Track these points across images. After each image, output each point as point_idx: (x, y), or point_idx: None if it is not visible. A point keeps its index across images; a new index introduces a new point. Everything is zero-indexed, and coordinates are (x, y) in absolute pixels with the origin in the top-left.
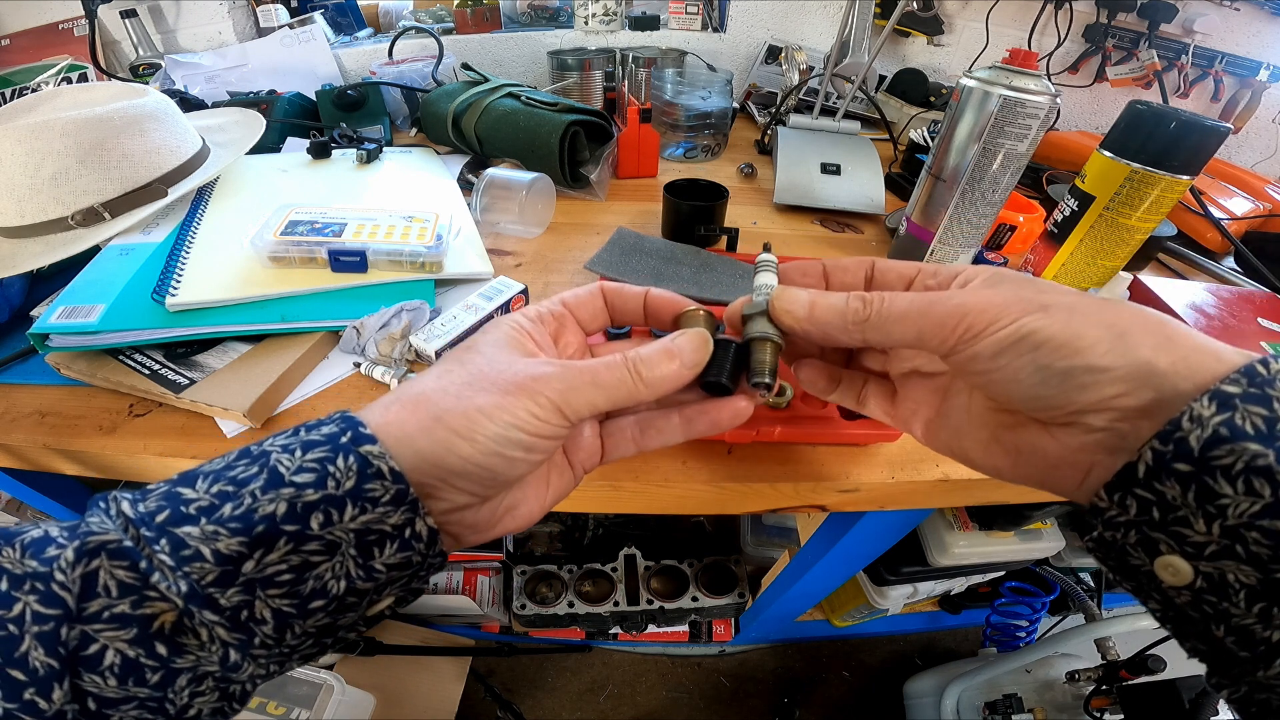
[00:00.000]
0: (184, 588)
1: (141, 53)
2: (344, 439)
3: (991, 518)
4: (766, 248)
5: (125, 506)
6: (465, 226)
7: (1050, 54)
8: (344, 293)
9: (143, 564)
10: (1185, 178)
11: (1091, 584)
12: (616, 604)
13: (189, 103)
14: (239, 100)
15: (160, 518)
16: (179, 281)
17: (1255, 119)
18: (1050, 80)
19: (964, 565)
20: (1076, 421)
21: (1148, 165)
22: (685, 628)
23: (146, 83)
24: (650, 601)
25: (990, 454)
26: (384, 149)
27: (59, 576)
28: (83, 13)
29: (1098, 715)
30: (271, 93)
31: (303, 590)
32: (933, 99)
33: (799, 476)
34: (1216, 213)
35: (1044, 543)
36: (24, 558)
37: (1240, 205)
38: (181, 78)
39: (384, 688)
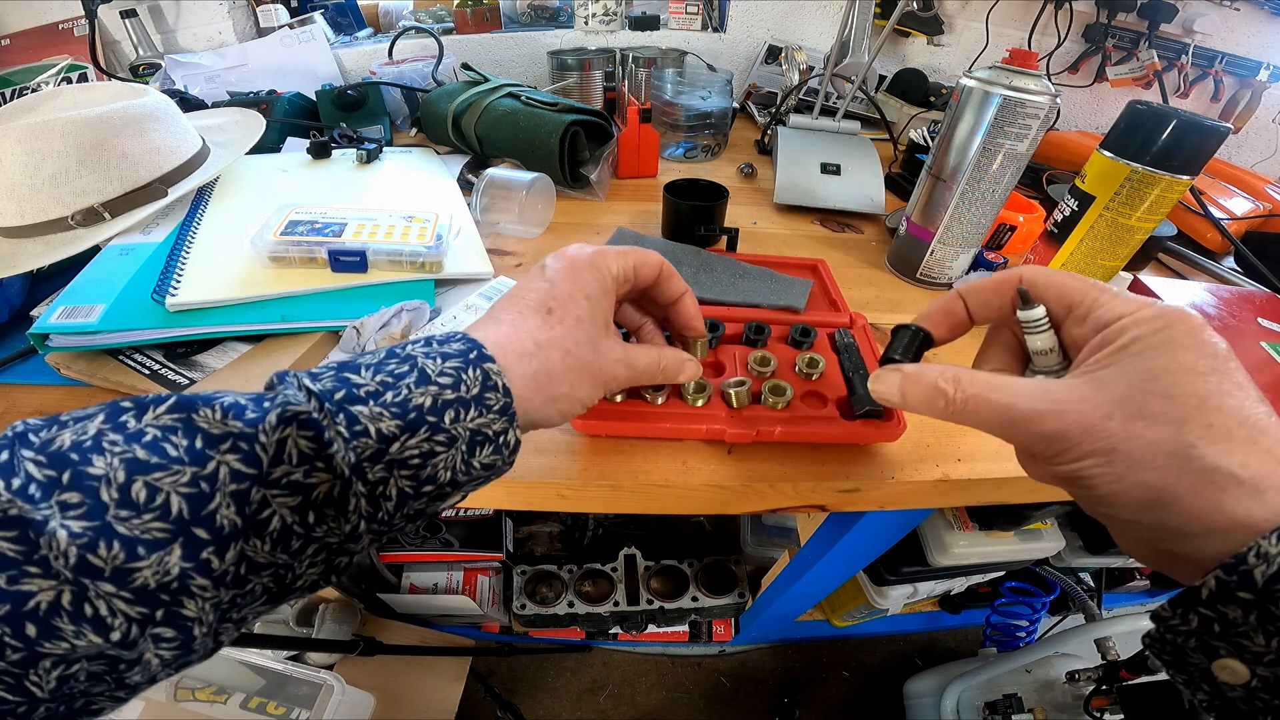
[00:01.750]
0: (352, 459)
1: (141, 53)
2: (471, 355)
3: (991, 518)
4: (1024, 297)
5: (308, 383)
6: (465, 226)
7: (1050, 54)
8: (344, 293)
9: (326, 435)
10: (1185, 178)
11: (1091, 584)
12: (616, 604)
13: (189, 103)
14: (239, 100)
15: (338, 396)
16: (179, 281)
17: (1255, 119)
18: (1050, 80)
19: (964, 565)
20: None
21: (1148, 165)
22: (685, 628)
23: (146, 83)
24: (650, 601)
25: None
26: (384, 149)
27: (262, 439)
28: (83, 13)
29: (1098, 715)
30: (271, 93)
31: (421, 475)
32: (933, 99)
33: (799, 476)
34: (1216, 213)
35: (1044, 543)
36: (225, 418)
37: (1240, 205)
38: (181, 78)
39: (384, 688)
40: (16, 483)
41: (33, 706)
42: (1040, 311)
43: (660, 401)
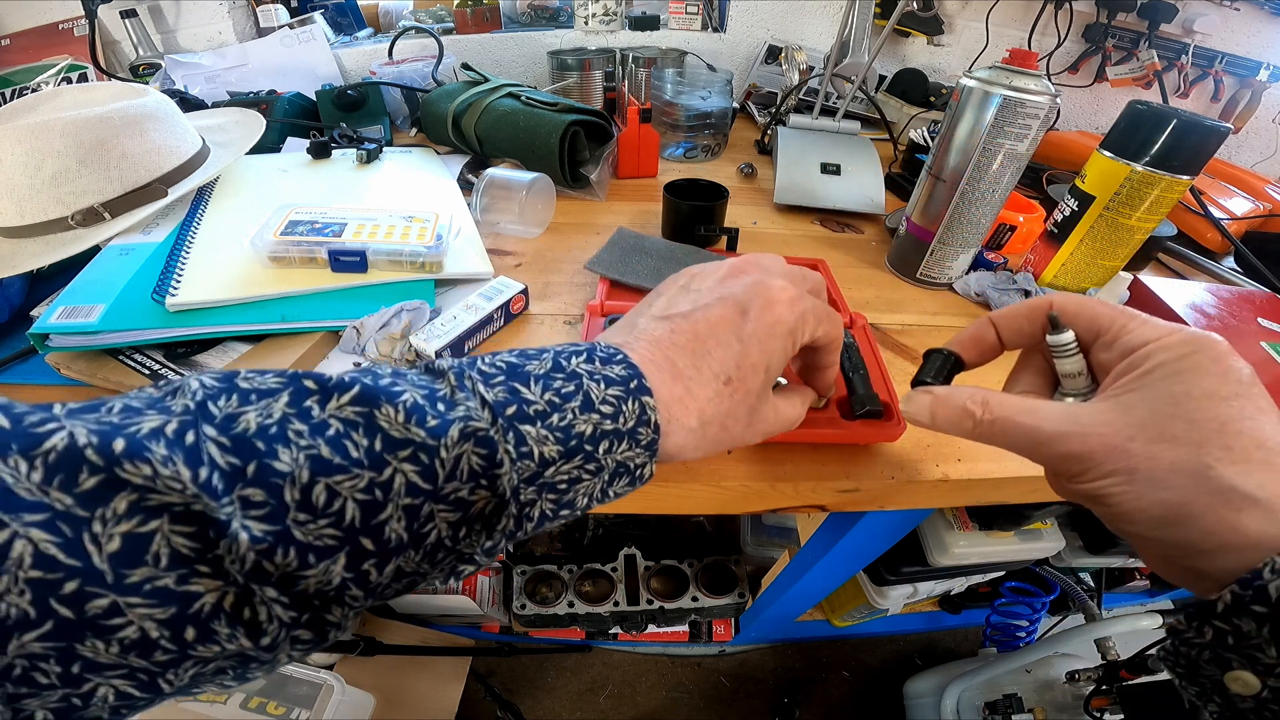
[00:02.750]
0: (515, 481)
1: (141, 53)
2: (632, 385)
3: (991, 518)
4: (1054, 323)
5: (481, 389)
6: (465, 226)
7: (1050, 54)
8: (344, 293)
9: (498, 455)
10: (1185, 178)
11: (1091, 584)
12: (616, 604)
13: (189, 103)
14: (239, 100)
15: (509, 411)
16: (179, 281)
17: (1255, 119)
18: (1050, 80)
19: (964, 565)
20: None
21: (1148, 165)
22: (685, 628)
23: (146, 83)
24: (650, 601)
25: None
26: (384, 149)
27: (443, 454)
28: (83, 13)
29: (1098, 715)
30: (271, 93)
31: (563, 499)
32: (933, 99)
33: (799, 476)
34: (1216, 213)
35: (1044, 543)
36: (407, 423)
37: (1240, 205)
38: (181, 78)
39: (384, 688)
40: (203, 474)
41: (153, 701)
42: (1069, 336)
43: None
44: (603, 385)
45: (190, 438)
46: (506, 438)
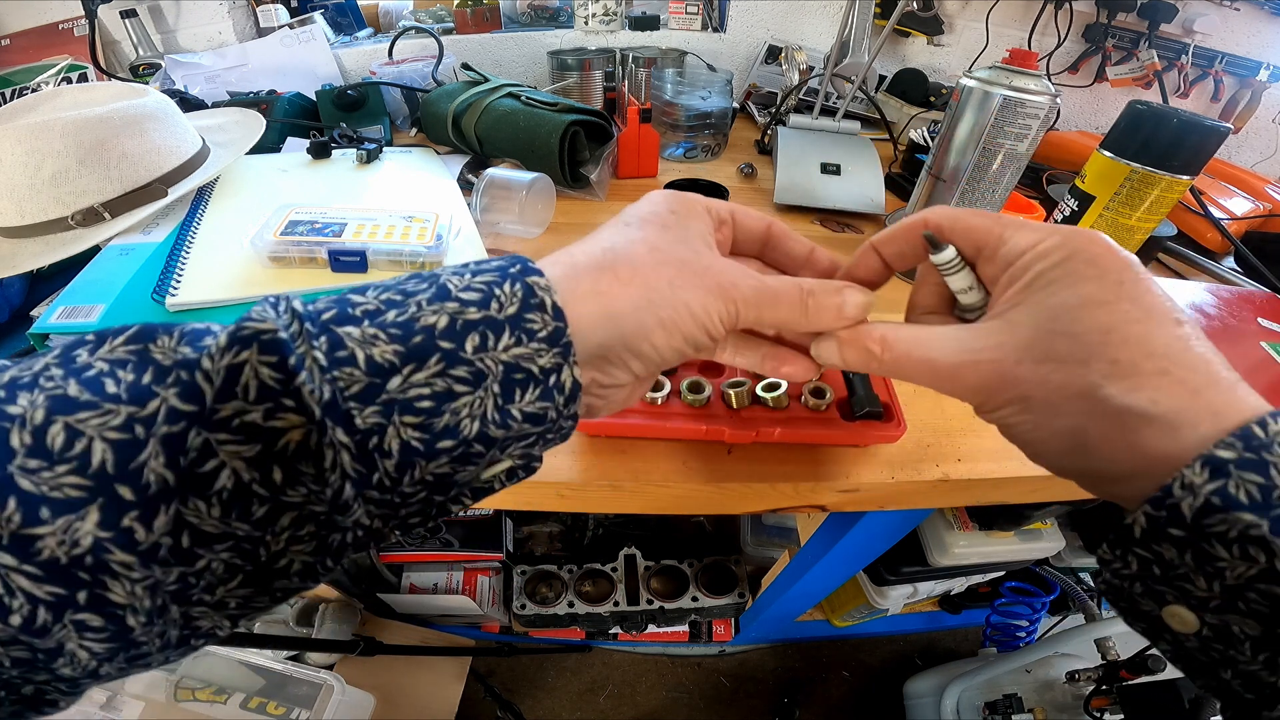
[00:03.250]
0: (327, 394)
1: (141, 53)
2: (513, 269)
3: (991, 518)
4: (932, 241)
5: (295, 303)
6: (465, 226)
7: (1050, 54)
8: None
9: (292, 360)
10: (1185, 178)
11: (1091, 584)
12: (616, 604)
13: (189, 103)
14: (239, 100)
15: (326, 315)
16: (179, 281)
17: (1255, 119)
18: (1050, 80)
19: (964, 565)
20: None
21: (1148, 165)
22: (685, 628)
23: (146, 83)
24: (650, 601)
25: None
26: (384, 149)
27: (205, 364)
28: (83, 13)
29: (1098, 715)
30: (271, 93)
31: (436, 425)
32: (933, 99)
33: (799, 476)
34: (1216, 213)
35: (1044, 543)
36: (179, 344)
37: (1240, 205)
38: (181, 78)
39: (384, 688)
40: None
41: None
42: (950, 253)
43: (660, 401)
44: (468, 275)
45: None
46: (315, 342)
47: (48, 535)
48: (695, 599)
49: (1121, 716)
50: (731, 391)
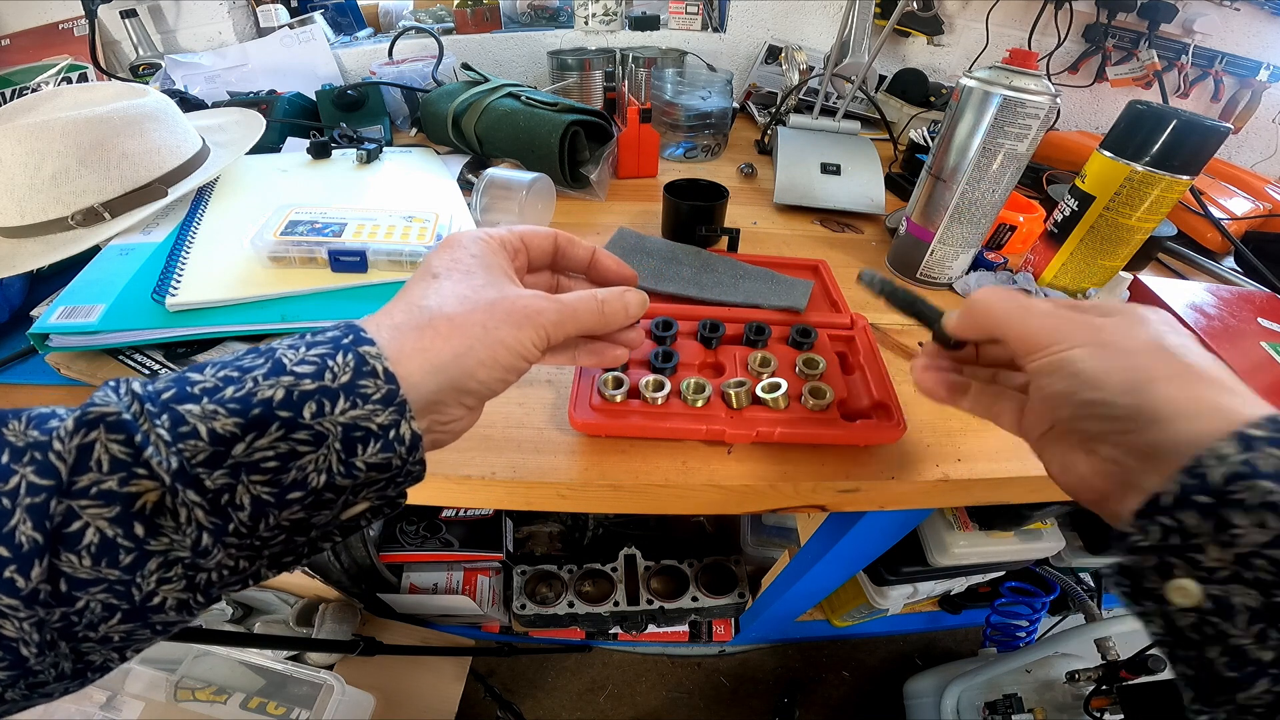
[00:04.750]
0: (174, 464)
1: (141, 53)
2: (345, 340)
3: (991, 518)
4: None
5: (135, 386)
6: (465, 226)
7: (1050, 54)
8: (344, 293)
9: (138, 438)
10: (1185, 178)
11: (1091, 584)
12: (616, 604)
13: (189, 103)
14: (239, 100)
15: (165, 395)
16: (179, 281)
17: (1255, 119)
18: (1050, 80)
19: (964, 565)
20: (1095, 449)
21: (1148, 165)
22: (685, 628)
23: (146, 83)
24: (650, 601)
25: (1054, 464)
26: (384, 149)
27: (56, 446)
28: (83, 13)
29: (1098, 715)
30: (271, 93)
31: (284, 480)
32: (933, 99)
33: (799, 476)
34: (1216, 213)
35: (1044, 543)
36: (28, 429)
37: (1240, 205)
38: (181, 78)
39: (384, 688)
40: None
41: None
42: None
43: (660, 401)
44: (302, 349)
45: None
46: (157, 421)
47: None
48: (695, 599)
49: (1121, 716)
50: (731, 391)
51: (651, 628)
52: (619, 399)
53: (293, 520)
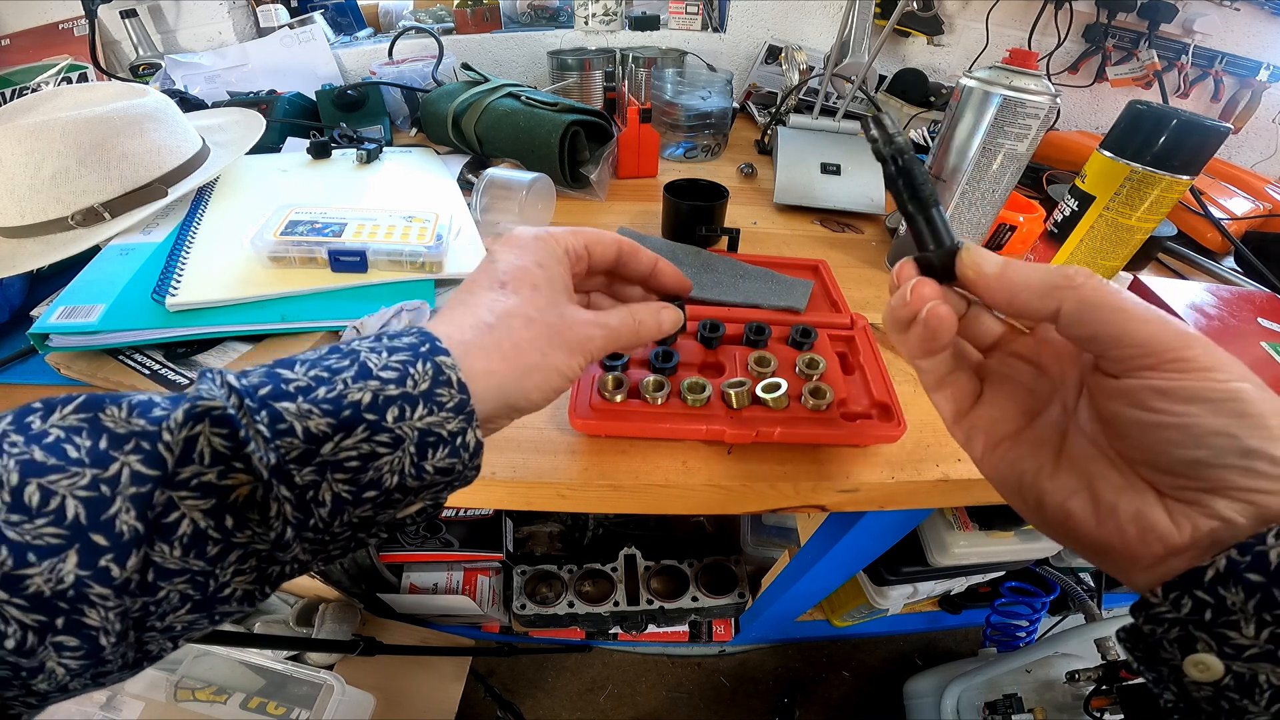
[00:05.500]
0: (272, 460)
1: (141, 53)
2: (423, 348)
3: (991, 518)
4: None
5: (231, 379)
6: (465, 226)
7: (1050, 54)
8: (344, 293)
9: (241, 433)
10: (1185, 178)
11: (1091, 584)
12: (616, 604)
13: (189, 103)
14: (239, 100)
15: (262, 391)
16: (179, 281)
17: (1255, 119)
18: (1050, 80)
19: (964, 565)
20: (1206, 503)
21: (1148, 165)
22: (685, 628)
23: (146, 83)
24: (650, 601)
25: (1070, 500)
26: (384, 149)
27: (166, 437)
28: (83, 13)
29: (1098, 715)
30: (271, 93)
31: (362, 479)
32: (933, 99)
33: (799, 476)
34: (1216, 213)
35: (1044, 543)
36: (130, 416)
37: (1240, 205)
38: (181, 78)
39: (384, 688)
40: None
41: None
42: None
43: (660, 401)
44: (385, 354)
45: None
46: (257, 416)
47: (35, 575)
48: (695, 599)
49: (1121, 716)
50: (731, 391)
51: (651, 628)
52: (619, 399)
53: (361, 518)
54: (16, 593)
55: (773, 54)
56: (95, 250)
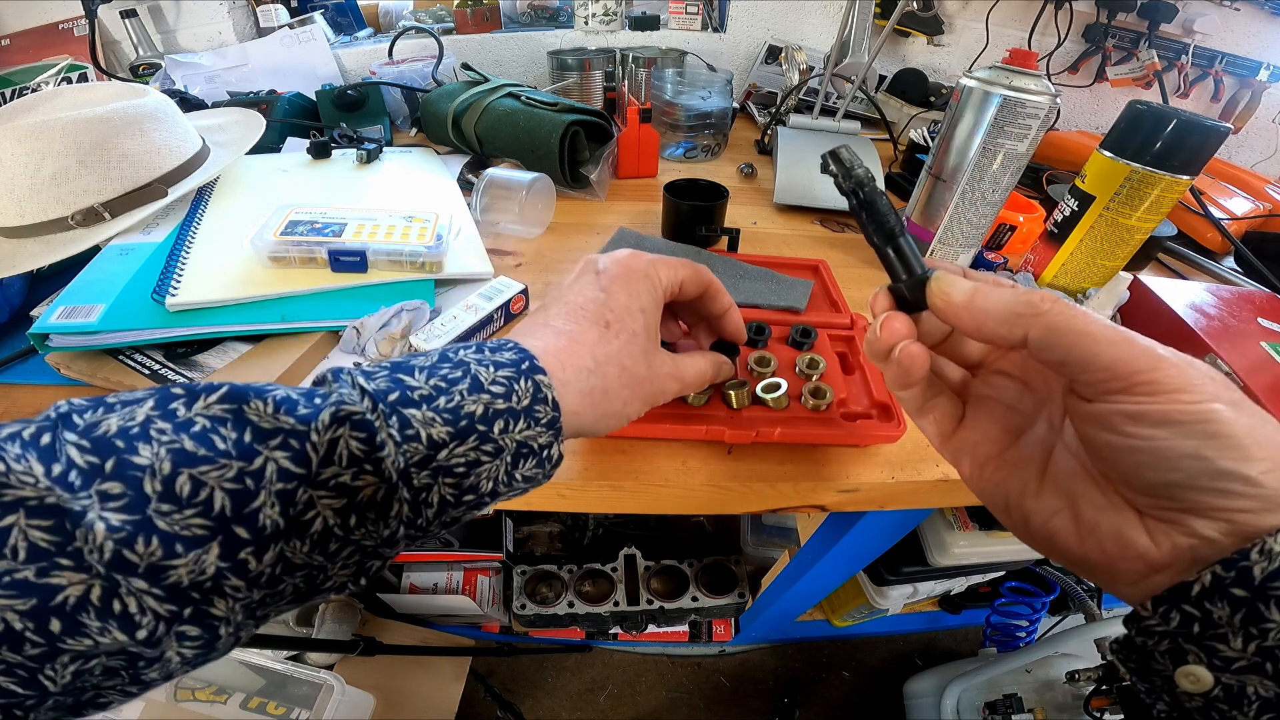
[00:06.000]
0: (401, 464)
1: (141, 53)
2: (524, 365)
3: (991, 518)
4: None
5: (363, 382)
6: (465, 226)
7: (1050, 54)
8: (344, 293)
9: (379, 437)
10: (1185, 178)
11: (1091, 584)
12: (616, 604)
13: (189, 103)
14: (239, 100)
15: (392, 397)
16: (179, 281)
17: (1255, 119)
18: (1050, 80)
19: (964, 565)
20: (1183, 522)
21: (1148, 165)
22: (685, 628)
23: (146, 83)
24: (650, 601)
25: (1053, 519)
26: (384, 149)
27: (314, 438)
28: (83, 13)
29: (1098, 715)
30: (271, 93)
31: (465, 484)
32: (933, 99)
33: (799, 476)
34: (1216, 213)
35: None
36: (276, 413)
37: (1240, 205)
38: (181, 78)
39: (384, 688)
40: (57, 469)
41: (41, 699)
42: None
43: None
44: (492, 369)
45: (47, 439)
46: (389, 422)
47: (180, 566)
48: (695, 599)
49: (1121, 716)
50: (731, 392)
51: (651, 628)
52: None
53: (453, 518)
54: (157, 583)
55: (773, 54)
56: (95, 250)
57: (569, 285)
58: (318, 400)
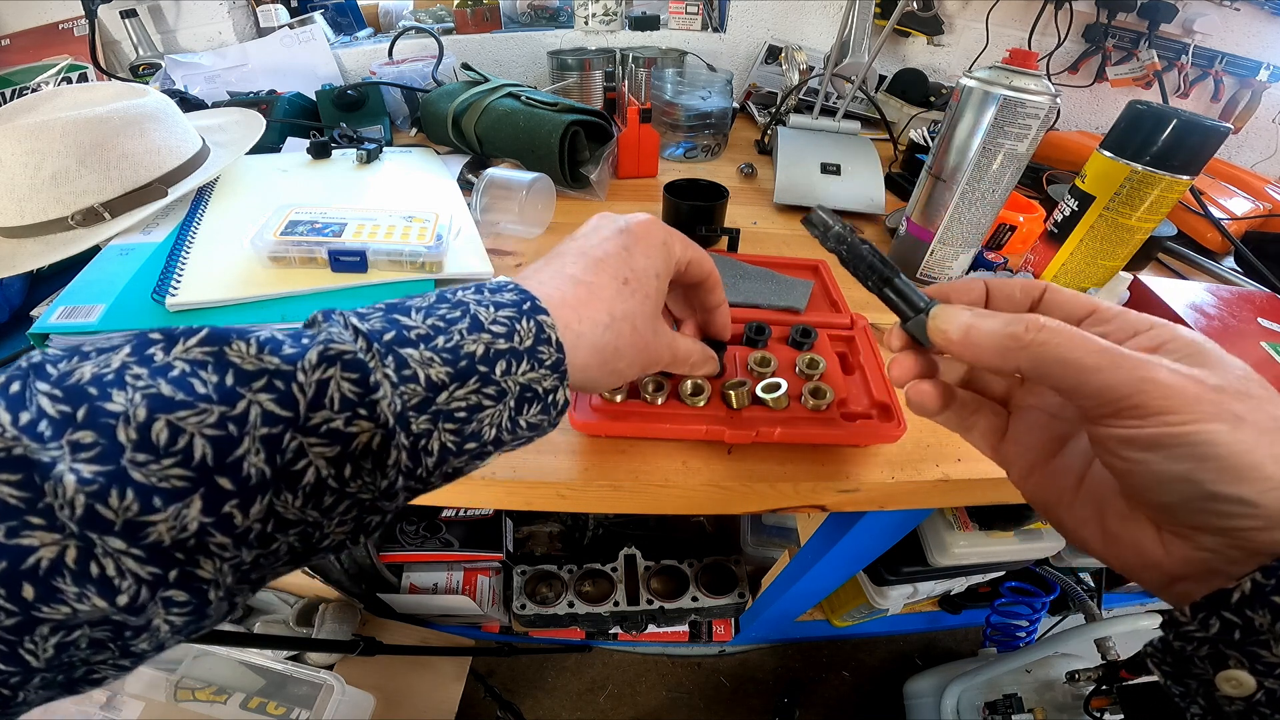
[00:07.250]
0: (398, 406)
1: (141, 53)
2: (525, 305)
3: (991, 518)
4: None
5: (355, 322)
6: (465, 226)
7: (1050, 54)
8: (344, 293)
9: (373, 378)
10: (1185, 178)
11: (1091, 584)
12: (616, 604)
13: (189, 103)
14: (239, 100)
15: (388, 337)
16: (179, 282)
17: (1255, 119)
18: (1050, 80)
19: (964, 565)
20: (1193, 537)
21: (1148, 165)
22: (685, 628)
23: (146, 83)
24: (650, 601)
25: (1083, 529)
26: (384, 149)
27: (300, 378)
28: (83, 13)
29: (1098, 715)
30: (271, 93)
31: (466, 430)
32: (933, 99)
33: (799, 476)
34: (1216, 213)
35: (1044, 543)
36: (260, 354)
37: (1240, 205)
38: (181, 78)
39: (384, 688)
40: (25, 418)
41: (27, 676)
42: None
43: (660, 401)
44: (492, 309)
45: (16, 388)
46: (385, 362)
47: (160, 522)
48: (695, 599)
49: (1121, 716)
50: (731, 392)
51: (651, 628)
52: (619, 399)
53: (455, 468)
54: (136, 542)
55: (773, 54)
56: (95, 250)
57: (585, 235)
58: (305, 340)
